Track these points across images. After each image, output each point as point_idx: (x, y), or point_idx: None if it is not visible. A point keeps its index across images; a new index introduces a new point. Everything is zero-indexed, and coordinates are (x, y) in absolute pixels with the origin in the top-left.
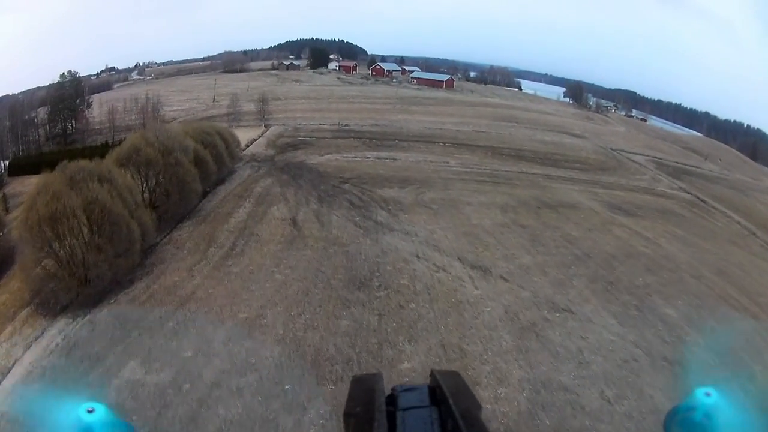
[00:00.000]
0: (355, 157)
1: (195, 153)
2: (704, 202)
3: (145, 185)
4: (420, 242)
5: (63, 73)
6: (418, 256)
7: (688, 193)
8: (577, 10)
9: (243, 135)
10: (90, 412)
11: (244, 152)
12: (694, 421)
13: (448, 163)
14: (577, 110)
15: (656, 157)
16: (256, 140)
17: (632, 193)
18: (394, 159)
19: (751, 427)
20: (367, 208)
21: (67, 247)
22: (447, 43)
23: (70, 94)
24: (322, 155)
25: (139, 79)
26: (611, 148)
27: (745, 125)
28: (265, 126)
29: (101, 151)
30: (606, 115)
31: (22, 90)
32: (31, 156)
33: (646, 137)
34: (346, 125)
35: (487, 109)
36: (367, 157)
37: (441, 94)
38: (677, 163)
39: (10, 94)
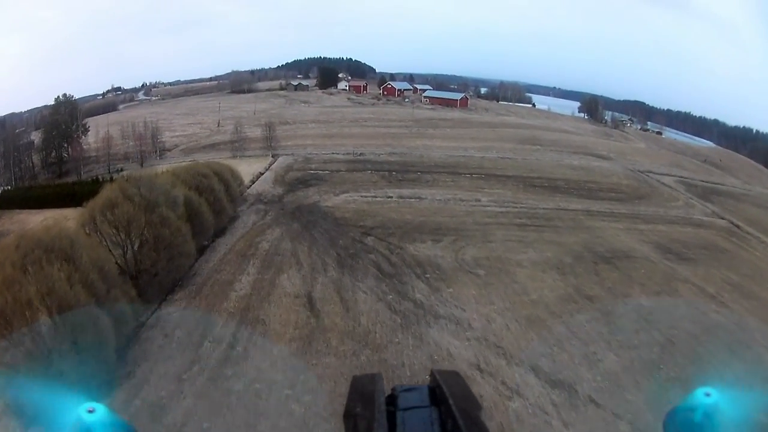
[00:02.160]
0: (376, 197)
1: (187, 204)
2: (738, 227)
3: (127, 247)
4: (477, 340)
5: (57, 97)
6: (480, 368)
7: (722, 218)
8: (581, 21)
9: (248, 167)
10: (90, 412)
11: (248, 190)
12: (694, 421)
13: (479, 200)
14: (595, 126)
15: (682, 177)
16: (262, 174)
17: (674, 226)
18: (420, 198)
19: (750, 427)
20: (399, 277)
21: (25, 349)
22: (455, 58)
23: (64, 120)
24: (337, 194)
25: (146, 99)
26: (639, 170)
27: (755, 131)
28: (272, 156)
29: (90, 188)
30: (623, 131)
31: (29, 108)
32: (21, 189)
33: (666, 153)
34: (361, 154)
35: (507, 130)
36: (389, 196)
37: (456, 114)
38: (702, 181)
39: (17, 112)
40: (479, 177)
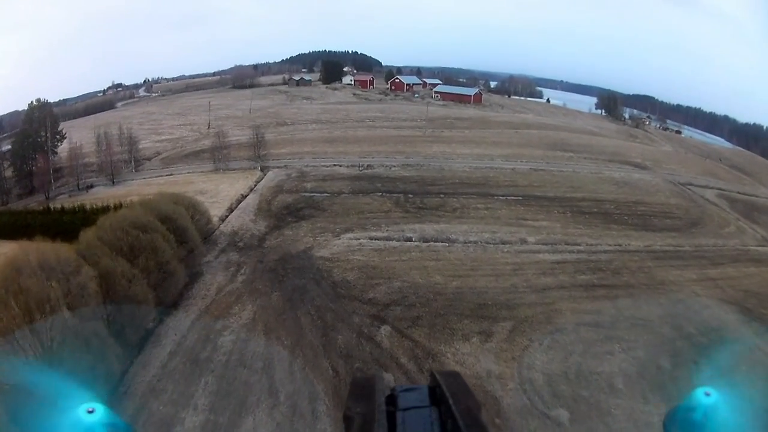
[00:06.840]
0: (389, 240)
1: (107, 285)
2: None
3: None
4: None
5: (31, 102)
6: None
7: None
8: (586, 14)
9: (228, 187)
10: (90, 412)
11: (222, 225)
12: (694, 421)
13: (526, 242)
14: (617, 126)
15: (721, 189)
16: (244, 198)
17: (738, 267)
18: (449, 240)
19: (750, 426)
20: None
21: None
22: (461, 51)
23: (36, 129)
24: (337, 235)
25: (145, 96)
26: (680, 183)
27: (765, 128)
28: (261, 169)
29: (42, 219)
30: (646, 130)
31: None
32: None
33: (694, 158)
34: (368, 167)
35: (531, 131)
36: (408, 238)
37: (471, 111)
38: (739, 194)
39: (19, 110)
40: (516, 200)
